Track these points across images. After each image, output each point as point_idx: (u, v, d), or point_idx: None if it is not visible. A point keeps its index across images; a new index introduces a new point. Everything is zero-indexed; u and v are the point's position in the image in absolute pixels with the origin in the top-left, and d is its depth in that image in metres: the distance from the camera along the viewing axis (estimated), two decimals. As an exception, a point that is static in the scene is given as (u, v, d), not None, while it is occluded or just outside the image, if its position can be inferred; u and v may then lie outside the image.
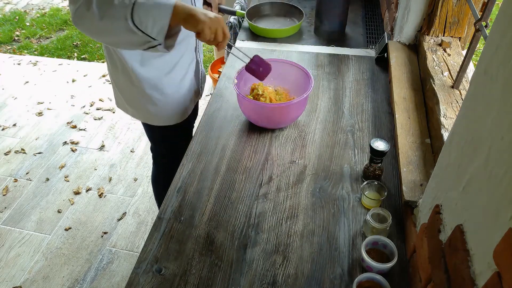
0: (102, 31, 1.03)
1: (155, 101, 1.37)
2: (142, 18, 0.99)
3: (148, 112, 1.41)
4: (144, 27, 1.00)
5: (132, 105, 1.43)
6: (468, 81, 1.17)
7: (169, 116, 1.44)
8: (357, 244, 0.97)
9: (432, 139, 1.11)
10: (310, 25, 1.85)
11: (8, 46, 3.81)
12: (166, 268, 0.93)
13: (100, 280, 1.89)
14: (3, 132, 2.76)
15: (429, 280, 0.75)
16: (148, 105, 1.38)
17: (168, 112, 1.42)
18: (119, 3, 0.98)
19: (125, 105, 1.46)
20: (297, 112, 1.26)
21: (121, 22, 0.99)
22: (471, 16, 1.33)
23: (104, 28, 1.01)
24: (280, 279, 0.90)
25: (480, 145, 0.61)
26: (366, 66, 1.56)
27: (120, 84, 1.38)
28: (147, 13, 1.00)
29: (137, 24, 0.99)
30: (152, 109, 1.39)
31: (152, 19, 1.01)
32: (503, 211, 0.52)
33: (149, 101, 1.37)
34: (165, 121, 1.46)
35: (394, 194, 1.08)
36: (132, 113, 1.48)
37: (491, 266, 0.54)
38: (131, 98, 1.41)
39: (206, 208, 1.06)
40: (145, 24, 1.00)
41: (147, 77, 1.30)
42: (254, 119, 1.28)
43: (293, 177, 1.13)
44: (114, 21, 0.99)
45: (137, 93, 1.36)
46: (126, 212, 2.21)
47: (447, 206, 0.74)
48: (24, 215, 2.20)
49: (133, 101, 1.41)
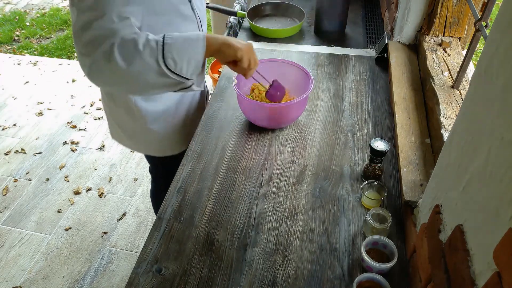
0: (127, 81, 0.93)
1: (157, 134, 1.29)
2: (176, 59, 0.92)
3: (150, 144, 1.33)
4: (179, 69, 0.93)
5: (131, 138, 1.34)
6: (468, 81, 1.17)
7: (173, 146, 1.37)
8: (357, 244, 0.97)
9: (432, 139, 1.11)
10: (310, 25, 1.85)
11: (8, 46, 3.81)
12: (166, 268, 0.93)
13: (100, 280, 1.89)
14: (3, 132, 2.76)
15: (429, 280, 0.75)
16: (150, 138, 1.31)
17: (172, 142, 1.35)
18: (145, 48, 0.89)
19: (122, 138, 1.36)
20: (297, 112, 1.26)
21: (151, 68, 0.91)
22: (471, 16, 1.33)
23: (130, 77, 0.92)
24: (280, 279, 0.90)
25: (480, 145, 0.61)
26: (366, 66, 1.56)
27: (119, 118, 1.28)
28: (180, 53, 0.92)
29: (170, 67, 0.92)
30: (154, 141, 1.32)
31: (187, 59, 0.93)
32: (503, 211, 0.52)
33: (152, 135, 1.29)
34: (168, 152, 1.37)
35: (394, 194, 1.08)
36: (131, 146, 1.39)
37: (491, 266, 0.54)
38: (130, 132, 1.31)
39: (206, 208, 1.06)
40: (180, 66, 0.93)
41: (151, 111, 1.22)
42: (254, 119, 1.28)
43: (293, 177, 1.13)
44: (142, 68, 0.90)
45: (139, 128, 1.27)
46: (126, 212, 2.21)
47: (447, 206, 0.74)
48: (24, 215, 2.20)
49: (133, 135, 1.32)
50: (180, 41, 0.93)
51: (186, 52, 0.94)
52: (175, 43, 0.92)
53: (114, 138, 1.41)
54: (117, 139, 1.40)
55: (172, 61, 0.92)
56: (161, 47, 0.91)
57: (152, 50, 0.90)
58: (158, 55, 0.91)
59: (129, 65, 0.89)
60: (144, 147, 1.37)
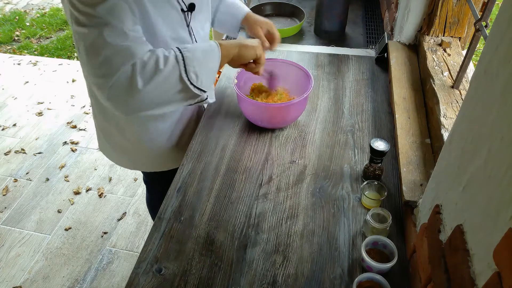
0: (150, 101, 0.90)
1: (151, 151, 1.24)
2: (198, 72, 0.90)
3: (141, 161, 1.28)
4: (200, 83, 0.92)
5: (121, 154, 1.27)
6: (468, 81, 1.17)
7: (169, 161, 1.31)
8: (357, 244, 0.97)
9: (432, 139, 1.11)
10: (310, 25, 1.85)
11: (8, 46, 3.81)
12: (166, 268, 0.93)
13: (100, 280, 1.89)
14: (3, 132, 2.76)
15: (429, 280, 0.75)
16: (142, 155, 1.25)
17: (168, 158, 1.29)
18: (166, 65, 0.87)
19: (110, 153, 1.28)
20: (297, 112, 1.26)
21: (174, 84, 0.89)
22: (471, 16, 1.33)
23: (152, 96, 0.89)
24: (280, 279, 0.90)
25: (480, 145, 0.61)
26: (366, 66, 1.56)
27: (109, 133, 1.22)
28: (200, 66, 0.91)
29: (192, 81, 0.91)
30: (147, 158, 1.26)
31: (206, 72, 0.92)
32: (503, 211, 0.52)
33: (145, 152, 1.24)
34: (164, 167, 1.32)
35: (394, 194, 1.08)
36: (120, 162, 1.30)
37: (491, 266, 0.54)
38: (121, 148, 1.24)
39: (206, 208, 1.06)
40: (201, 79, 0.92)
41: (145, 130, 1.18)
42: (254, 119, 1.28)
43: (293, 177, 1.13)
44: (164, 86, 0.88)
45: (130, 145, 1.22)
46: (126, 212, 2.21)
47: (447, 206, 0.74)
48: (24, 215, 2.20)
49: (124, 151, 1.26)
50: (198, 53, 0.91)
51: (206, 64, 0.92)
52: (195, 56, 0.90)
53: (102, 151, 1.34)
54: (106, 154, 1.33)
55: (194, 74, 0.90)
56: (182, 61, 0.88)
57: (174, 67, 0.88)
58: (181, 70, 0.88)
59: (150, 83, 0.86)
60: (133, 164, 1.31)
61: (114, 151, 1.28)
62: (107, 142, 1.26)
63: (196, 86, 0.93)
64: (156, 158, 1.29)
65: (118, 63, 0.84)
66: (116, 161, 1.33)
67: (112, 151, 1.28)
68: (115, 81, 0.85)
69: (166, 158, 1.30)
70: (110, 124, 1.19)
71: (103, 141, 1.28)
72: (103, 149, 1.32)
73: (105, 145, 1.29)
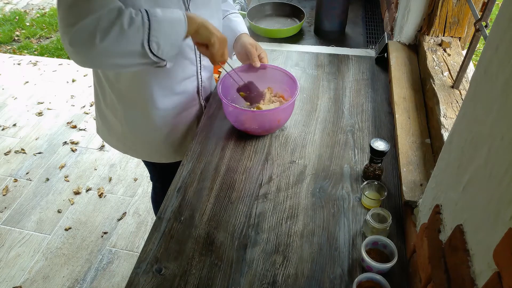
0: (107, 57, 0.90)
1: (155, 141, 1.27)
2: (161, 43, 0.91)
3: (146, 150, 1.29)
4: (161, 53, 0.93)
5: (124, 143, 1.29)
6: (468, 81, 1.17)
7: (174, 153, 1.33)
8: (357, 244, 0.97)
9: (432, 139, 1.11)
10: (310, 25, 1.85)
11: (8, 46, 3.81)
12: (166, 268, 0.93)
13: (100, 280, 1.89)
14: (3, 132, 2.77)
15: (429, 280, 0.75)
16: (146, 144, 1.27)
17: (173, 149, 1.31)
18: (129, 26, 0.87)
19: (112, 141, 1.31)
20: (284, 118, 1.23)
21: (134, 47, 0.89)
22: (471, 16, 1.33)
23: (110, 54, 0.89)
24: (280, 279, 0.90)
25: (480, 145, 0.61)
26: (366, 66, 1.56)
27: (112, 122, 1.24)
28: (165, 37, 0.91)
29: (153, 50, 0.91)
30: (139, 145, 1.28)
31: (170, 43, 0.93)
32: (503, 211, 0.52)
33: (138, 139, 1.26)
34: (168, 159, 1.34)
35: (394, 194, 1.08)
36: (124, 150, 1.32)
37: (491, 266, 0.54)
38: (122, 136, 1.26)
39: (206, 208, 1.06)
40: (162, 49, 0.93)
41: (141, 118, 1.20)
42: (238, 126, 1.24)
43: (293, 177, 1.13)
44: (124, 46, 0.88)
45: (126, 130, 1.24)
46: (126, 212, 2.21)
47: (447, 206, 0.74)
48: (24, 215, 2.20)
49: (126, 139, 1.27)
50: (165, 24, 0.91)
51: (170, 36, 0.93)
52: (161, 27, 0.90)
53: (101, 137, 1.36)
54: (107, 141, 1.36)
55: (156, 45, 0.91)
56: (147, 29, 0.88)
57: (138, 31, 0.88)
58: (144, 37, 0.88)
59: (110, 42, 0.86)
60: (138, 153, 1.33)
61: (118, 141, 1.31)
62: (103, 124, 1.30)
63: (156, 55, 0.93)
64: (148, 148, 1.31)
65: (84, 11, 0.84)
66: (110, 143, 1.36)
67: (107, 133, 1.32)
68: (79, 28, 0.85)
69: (158, 151, 1.31)
70: (107, 107, 1.22)
71: (100, 123, 1.32)
72: (99, 131, 1.36)
73: (102, 128, 1.33)
